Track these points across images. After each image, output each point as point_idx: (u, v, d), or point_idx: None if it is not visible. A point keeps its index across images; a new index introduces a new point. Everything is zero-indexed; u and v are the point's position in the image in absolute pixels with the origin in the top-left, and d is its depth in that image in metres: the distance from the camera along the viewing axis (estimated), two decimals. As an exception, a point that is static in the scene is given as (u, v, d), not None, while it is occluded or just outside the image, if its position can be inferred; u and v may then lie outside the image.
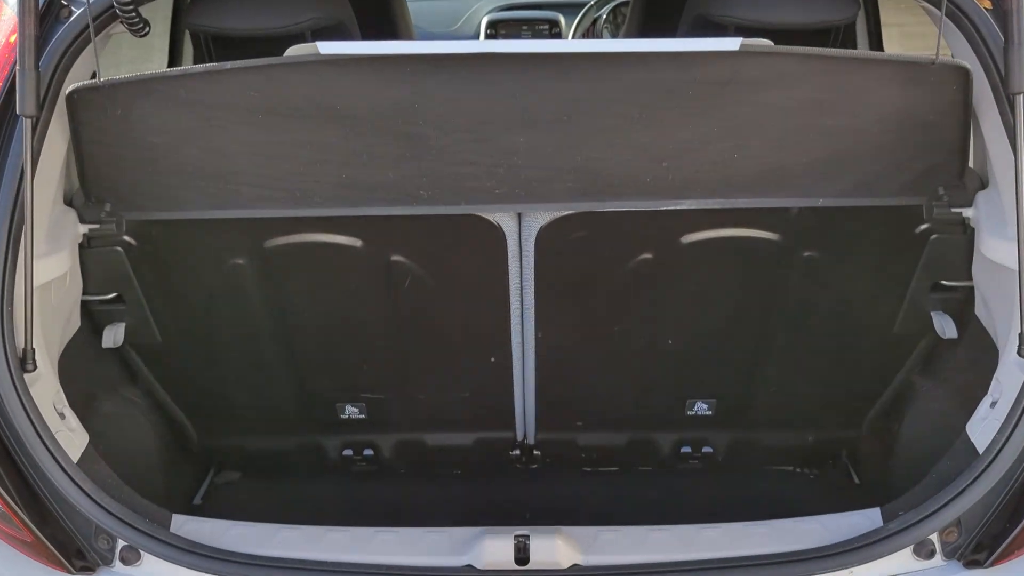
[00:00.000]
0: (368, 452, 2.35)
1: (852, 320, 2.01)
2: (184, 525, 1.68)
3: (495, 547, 1.63)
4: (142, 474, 1.92)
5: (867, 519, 1.66)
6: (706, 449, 2.32)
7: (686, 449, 2.33)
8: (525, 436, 2.38)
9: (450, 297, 1.98)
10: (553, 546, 1.62)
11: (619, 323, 2.02)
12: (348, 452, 2.36)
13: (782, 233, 1.84)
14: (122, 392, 2.07)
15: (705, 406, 2.18)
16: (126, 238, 1.78)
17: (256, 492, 2.46)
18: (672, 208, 1.73)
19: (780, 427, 2.28)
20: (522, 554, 1.62)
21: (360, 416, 2.23)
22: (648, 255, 1.88)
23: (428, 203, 1.71)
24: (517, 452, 2.42)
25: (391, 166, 1.66)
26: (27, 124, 1.53)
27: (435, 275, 1.92)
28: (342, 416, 2.22)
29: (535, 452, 2.39)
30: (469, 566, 1.63)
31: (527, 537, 1.63)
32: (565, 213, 1.78)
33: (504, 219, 1.82)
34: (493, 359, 2.07)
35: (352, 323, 2.03)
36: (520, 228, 1.85)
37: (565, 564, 1.62)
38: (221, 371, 2.13)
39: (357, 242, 1.86)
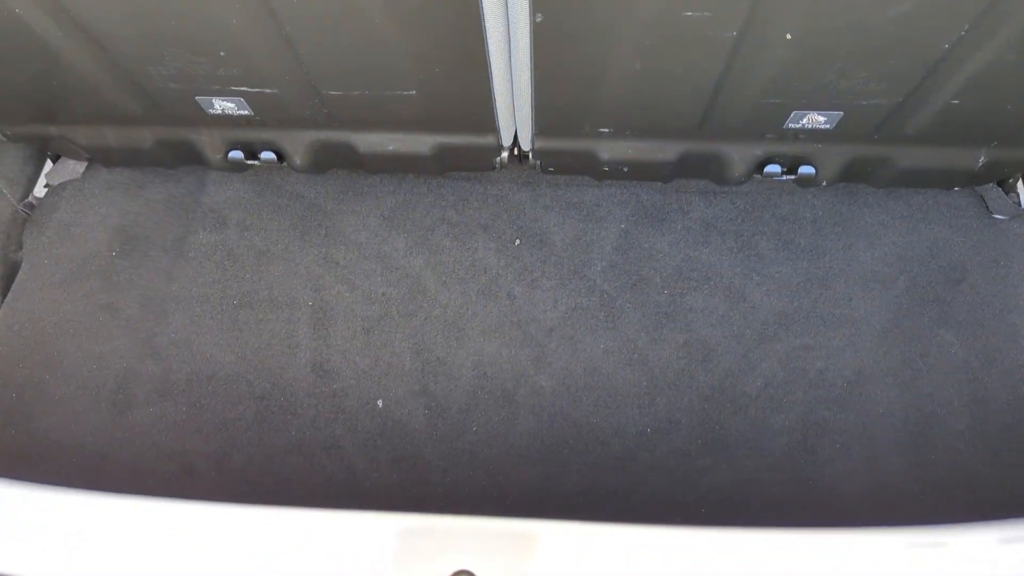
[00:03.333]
0: (268, 155, 1.87)
1: None
2: None
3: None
4: None
5: None
6: (805, 169, 1.76)
7: (772, 168, 1.76)
8: (517, 142, 1.80)
9: None
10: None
11: (693, 6, 1.29)
12: (237, 155, 1.87)
13: None
14: None
15: (823, 119, 1.59)
16: None
17: (120, 186, 2.00)
18: None
19: (936, 144, 1.69)
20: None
21: (242, 112, 1.69)
22: None
23: None
24: (504, 157, 1.83)
25: None
26: None
27: None
28: (211, 111, 1.71)
29: (530, 160, 1.83)
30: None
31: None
32: None
33: None
34: (453, 53, 1.43)
35: None
36: None
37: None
38: None
39: None
